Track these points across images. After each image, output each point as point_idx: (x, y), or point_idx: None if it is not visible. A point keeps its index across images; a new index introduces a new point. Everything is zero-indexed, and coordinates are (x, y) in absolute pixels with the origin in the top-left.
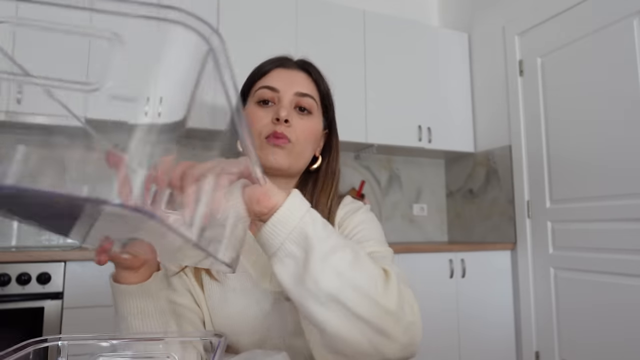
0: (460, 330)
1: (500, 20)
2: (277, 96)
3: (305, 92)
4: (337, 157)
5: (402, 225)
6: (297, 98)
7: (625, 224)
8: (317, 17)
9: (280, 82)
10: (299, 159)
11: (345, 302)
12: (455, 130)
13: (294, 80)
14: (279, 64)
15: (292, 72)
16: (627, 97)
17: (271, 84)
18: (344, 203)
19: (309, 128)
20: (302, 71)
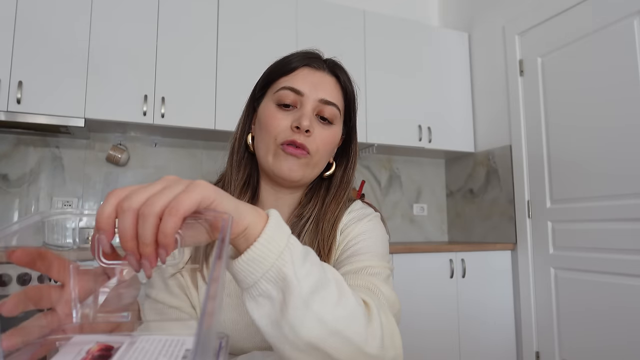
0: (461, 330)
1: (501, 20)
2: (300, 100)
3: (330, 100)
4: (354, 166)
5: (402, 225)
6: (320, 105)
7: (625, 224)
8: (317, 17)
9: (307, 85)
10: (313, 171)
11: (326, 350)
12: (455, 130)
13: (320, 85)
14: (307, 62)
15: (320, 74)
16: (627, 97)
17: (296, 86)
18: (352, 208)
19: (329, 138)
20: (330, 75)
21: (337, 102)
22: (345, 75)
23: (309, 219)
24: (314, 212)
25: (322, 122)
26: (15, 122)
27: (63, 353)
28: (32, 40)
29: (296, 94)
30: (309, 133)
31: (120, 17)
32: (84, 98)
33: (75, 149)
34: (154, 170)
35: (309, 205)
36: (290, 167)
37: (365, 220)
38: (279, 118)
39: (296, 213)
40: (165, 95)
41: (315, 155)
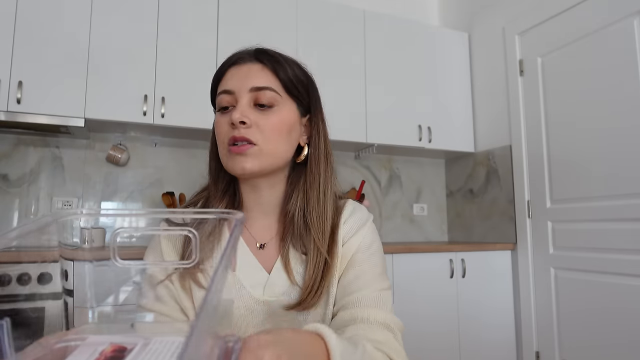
0: (461, 330)
1: (501, 20)
2: (235, 98)
3: (261, 86)
4: (321, 143)
5: (402, 225)
6: (254, 94)
7: (625, 224)
8: (317, 17)
9: (234, 82)
10: (272, 159)
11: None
12: (455, 130)
13: (248, 76)
14: (233, 61)
15: (245, 67)
16: (627, 97)
17: (225, 86)
18: (345, 214)
19: (275, 124)
20: (256, 62)
21: (269, 84)
22: (270, 57)
23: (295, 213)
24: (299, 204)
25: (261, 109)
26: (15, 122)
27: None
28: (32, 40)
29: (228, 94)
30: (245, 125)
31: (120, 17)
32: (84, 98)
33: (75, 149)
34: (154, 170)
35: (292, 199)
36: (241, 166)
37: (364, 229)
38: (221, 122)
39: (283, 210)
40: (165, 95)
41: (265, 144)
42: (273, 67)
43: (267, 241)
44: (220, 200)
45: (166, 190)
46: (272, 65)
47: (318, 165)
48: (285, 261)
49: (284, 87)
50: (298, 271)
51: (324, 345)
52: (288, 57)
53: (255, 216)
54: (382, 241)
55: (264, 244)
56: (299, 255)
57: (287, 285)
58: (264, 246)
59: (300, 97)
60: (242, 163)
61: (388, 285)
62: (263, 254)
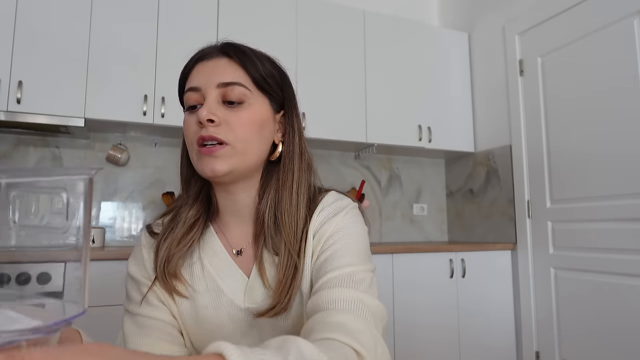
0: (461, 330)
1: (500, 20)
2: (202, 95)
3: (228, 81)
4: (295, 140)
5: (402, 225)
6: (222, 90)
7: (625, 224)
8: (317, 17)
9: (200, 78)
10: (245, 158)
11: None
12: (455, 130)
13: (213, 71)
14: (199, 57)
15: (212, 62)
16: (627, 96)
17: (191, 83)
18: (323, 204)
19: (246, 119)
20: (223, 57)
21: (238, 79)
22: (238, 51)
23: (266, 212)
24: (269, 203)
25: (230, 106)
26: (15, 122)
27: None
28: (32, 40)
29: (195, 91)
30: (213, 123)
31: (120, 17)
32: (84, 98)
33: (75, 149)
34: (154, 170)
35: (263, 198)
36: (211, 167)
37: (341, 214)
38: (189, 122)
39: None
40: (165, 95)
41: (237, 142)
42: (241, 61)
43: (244, 246)
44: (191, 206)
45: (166, 190)
46: (239, 59)
47: (292, 162)
48: (260, 265)
49: (253, 82)
50: (271, 274)
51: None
52: (258, 51)
53: (231, 221)
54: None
55: (241, 250)
56: (271, 257)
57: (262, 291)
58: (241, 252)
59: (272, 92)
60: (212, 164)
61: (368, 267)
62: (241, 260)
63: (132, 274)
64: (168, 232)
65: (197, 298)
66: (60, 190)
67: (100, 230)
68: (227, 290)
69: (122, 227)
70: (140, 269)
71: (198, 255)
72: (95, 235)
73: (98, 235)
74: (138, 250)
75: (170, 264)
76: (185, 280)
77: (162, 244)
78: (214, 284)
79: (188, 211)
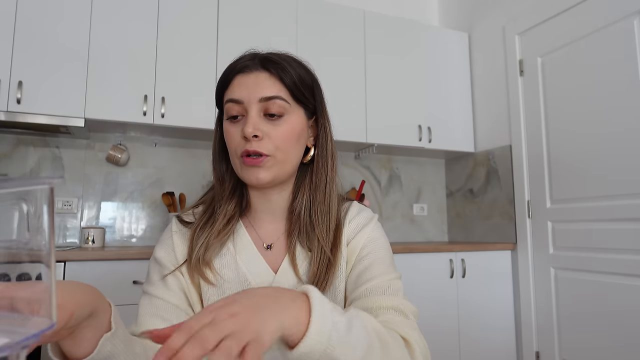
0: (461, 330)
1: (501, 20)
2: (244, 107)
3: (270, 96)
4: (327, 143)
5: (402, 225)
6: (264, 104)
7: (625, 224)
8: (317, 17)
9: (243, 91)
10: (285, 166)
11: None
12: (455, 130)
13: (256, 86)
14: (238, 70)
15: (252, 75)
16: (628, 96)
17: (234, 96)
18: (349, 215)
19: (286, 132)
20: (263, 71)
21: (278, 93)
22: (276, 65)
23: (301, 211)
24: (304, 203)
25: (271, 119)
26: (15, 122)
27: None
28: (32, 40)
29: (237, 103)
30: (257, 138)
31: (121, 17)
32: (84, 98)
33: (75, 149)
34: (154, 170)
35: (298, 198)
36: (256, 176)
37: (370, 226)
38: (232, 132)
39: (290, 208)
40: (165, 95)
41: (278, 153)
42: (280, 75)
43: (274, 241)
44: (229, 200)
45: (166, 190)
46: (278, 73)
47: (325, 165)
48: (292, 257)
49: (291, 95)
50: (303, 267)
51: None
52: (291, 58)
53: (263, 217)
54: None
55: (271, 244)
56: (304, 252)
57: (294, 283)
58: (271, 246)
59: (307, 102)
60: (257, 174)
61: (398, 275)
62: (270, 255)
63: (158, 258)
64: (204, 222)
65: (225, 286)
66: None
67: (100, 230)
68: (253, 281)
69: (122, 227)
70: (169, 254)
71: (228, 247)
72: (95, 235)
73: (98, 235)
74: (168, 236)
75: (207, 252)
76: (215, 270)
77: (200, 234)
78: (242, 275)
79: (227, 205)
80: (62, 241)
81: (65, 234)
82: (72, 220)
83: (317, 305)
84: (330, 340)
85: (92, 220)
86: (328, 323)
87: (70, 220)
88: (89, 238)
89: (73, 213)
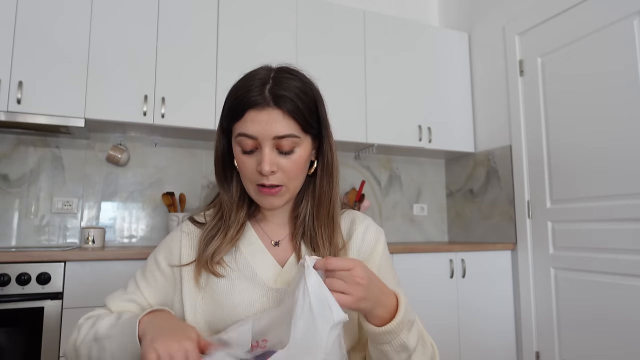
0: (461, 330)
1: (501, 20)
2: (257, 142)
3: (283, 134)
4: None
5: (402, 225)
6: (277, 141)
7: (625, 224)
8: (317, 17)
9: (256, 127)
10: (295, 191)
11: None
12: (455, 130)
13: (269, 125)
14: (251, 105)
15: (265, 112)
16: (627, 96)
17: (248, 131)
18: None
19: (297, 163)
20: (276, 109)
21: (290, 131)
22: (289, 101)
23: (306, 216)
24: (309, 209)
25: (283, 152)
26: (15, 122)
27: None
28: (32, 40)
29: (251, 139)
30: (273, 172)
31: (121, 17)
32: (84, 98)
33: (75, 149)
34: (154, 170)
35: (302, 204)
36: (271, 203)
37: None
38: (246, 163)
39: (294, 214)
40: (165, 95)
41: (290, 182)
42: (291, 113)
43: (281, 239)
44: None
45: (166, 190)
46: (290, 110)
47: (330, 181)
48: (298, 256)
49: (302, 129)
50: None
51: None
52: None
53: (270, 219)
54: None
55: (279, 242)
56: (309, 251)
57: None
58: (278, 243)
59: (314, 129)
60: (271, 202)
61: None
62: (277, 251)
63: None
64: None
65: (233, 276)
66: None
67: (100, 230)
68: (260, 273)
69: (122, 227)
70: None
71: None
72: (95, 236)
73: (98, 236)
74: (177, 236)
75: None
76: (225, 263)
77: (211, 236)
78: (249, 268)
79: (238, 213)
80: (62, 241)
81: (65, 234)
82: (72, 220)
83: (403, 302)
84: (404, 326)
85: (92, 221)
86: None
87: (70, 220)
88: (89, 238)
89: (73, 213)
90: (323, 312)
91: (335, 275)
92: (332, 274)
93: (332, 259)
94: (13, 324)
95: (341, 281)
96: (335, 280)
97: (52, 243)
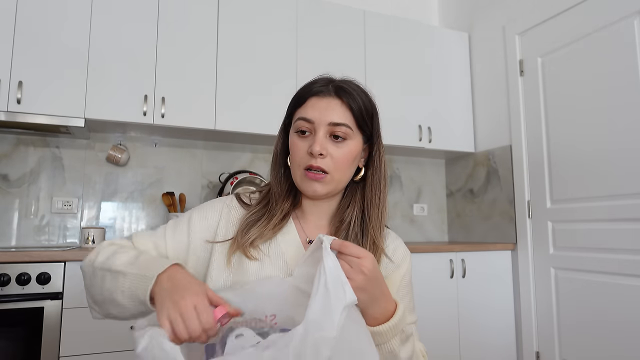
0: (461, 330)
1: (501, 20)
2: (314, 127)
3: (338, 122)
4: (381, 167)
5: (403, 225)
6: (331, 127)
7: (625, 224)
8: (317, 17)
9: (315, 113)
10: (338, 184)
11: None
12: (456, 130)
13: (327, 110)
14: (315, 92)
15: (326, 100)
16: (627, 96)
17: (306, 115)
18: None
19: (345, 154)
20: (336, 98)
21: (345, 121)
22: (348, 95)
23: (351, 222)
24: (355, 216)
25: (335, 140)
26: (15, 122)
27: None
28: (32, 40)
29: (308, 122)
30: (322, 156)
31: (121, 17)
32: (84, 98)
33: (75, 149)
34: (154, 170)
35: (348, 210)
36: (314, 189)
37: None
38: (299, 146)
39: (338, 218)
40: (165, 95)
41: (334, 172)
42: (349, 104)
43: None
44: (286, 199)
45: (166, 190)
46: (348, 102)
47: (379, 185)
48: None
49: (355, 122)
50: None
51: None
52: (360, 89)
53: (309, 217)
54: None
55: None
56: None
57: None
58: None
59: (367, 129)
60: (314, 187)
61: (415, 320)
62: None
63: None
64: (258, 210)
65: (265, 261)
66: None
67: (101, 230)
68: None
69: (122, 227)
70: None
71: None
72: (95, 236)
73: (98, 236)
74: (219, 207)
75: (258, 240)
76: (259, 248)
77: (255, 222)
78: (280, 257)
79: (284, 203)
80: (62, 241)
81: (65, 234)
82: (72, 220)
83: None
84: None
85: (92, 220)
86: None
87: (70, 220)
88: (89, 238)
89: (73, 213)
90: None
91: (345, 259)
92: (341, 257)
93: (348, 243)
94: (13, 324)
95: (347, 265)
96: (342, 262)
97: (52, 243)
